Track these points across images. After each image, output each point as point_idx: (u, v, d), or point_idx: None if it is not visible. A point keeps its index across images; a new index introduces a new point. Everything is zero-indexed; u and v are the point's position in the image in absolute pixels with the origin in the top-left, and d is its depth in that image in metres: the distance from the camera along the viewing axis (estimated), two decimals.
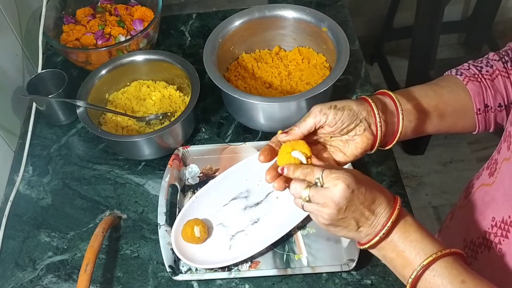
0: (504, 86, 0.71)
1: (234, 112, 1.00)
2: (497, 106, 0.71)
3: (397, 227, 0.59)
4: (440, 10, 1.72)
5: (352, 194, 0.57)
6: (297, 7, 1.01)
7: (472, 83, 0.71)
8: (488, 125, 0.74)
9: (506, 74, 0.71)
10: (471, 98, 0.71)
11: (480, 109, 0.71)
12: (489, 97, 0.71)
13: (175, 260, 0.81)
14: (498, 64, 0.72)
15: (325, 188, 0.58)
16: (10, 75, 1.04)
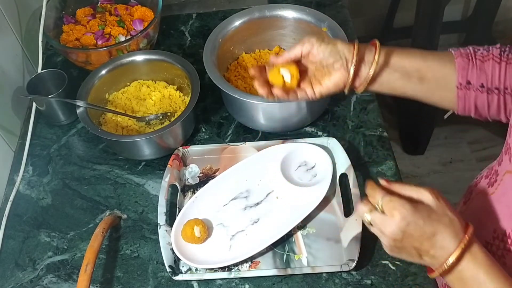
0: (492, 70, 0.71)
1: (234, 112, 1.00)
2: (479, 86, 0.72)
3: (464, 263, 0.57)
4: (440, 10, 1.72)
5: (408, 226, 0.57)
6: (297, 7, 1.01)
7: (461, 58, 0.72)
8: (468, 105, 0.74)
9: (498, 60, 0.71)
10: (456, 70, 0.72)
11: (462, 84, 0.72)
12: (474, 74, 0.72)
13: (175, 260, 0.81)
14: (495, 50, 0.72)
15: (384, 215, 0.59)
16: (10, 75, 1.04)
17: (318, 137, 0.95)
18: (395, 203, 0.59)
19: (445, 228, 0.58)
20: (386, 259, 0.81)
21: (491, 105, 0.72)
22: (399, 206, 0.58)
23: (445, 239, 0.58)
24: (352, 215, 0.82)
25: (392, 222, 0.58)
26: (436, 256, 0.58)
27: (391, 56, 0.73)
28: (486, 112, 0.73)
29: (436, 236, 0.58)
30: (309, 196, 0.85)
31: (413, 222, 0.57)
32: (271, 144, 0.92)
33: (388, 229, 0.58)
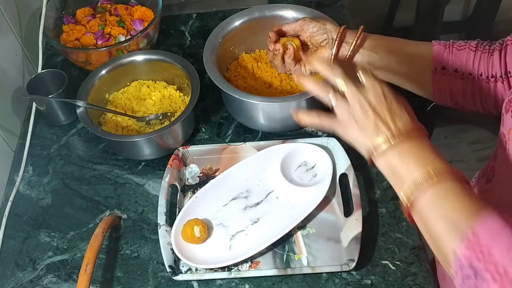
0: (466, 57, 0.75)
1: (234, 112, 1.00)
2: (453, 71, 0.76)
3: (413, 141, 0.59)
4: (440, 10, 1.72)
5: (384, 98, 0.61)
6: (297, 7, 1.01)
7: (439, 46, 0.78)
8: (443, 90, 0.78)
9: (474, 48, 0.75)
10: (432, 56, 0.77)
11: (437, 68, 0.77)
12: (448, 60, 0.76)
13: (175, 260, 0.81)
14: (473, 42, 0.77)
15: (361, 85, 0.62)
16: (10, 75, 1.04)
17: (318, 137, 0.95)
18: (379, 79, 0.62)
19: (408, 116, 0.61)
20: (386, 259, 0.81)
21: (466, 91, 0.76)
22: (382, 82, 0.62)
23: (406, 122, 0.60)
24: (352, 215, 0.82)
25: (372, 90, 0.61)
26: (392, 131, 0.59)
27: (372, 40, 0.80)
28: (461, 98, 0.77)
29: (402, 118, 0.60)
30: (309, 196, 0.85)
31: (388, 98, 0.61)
32: (271, 144, 0.92)
33: (366, 95, 0.61)
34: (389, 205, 0.87)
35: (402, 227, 0.84)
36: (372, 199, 0.88)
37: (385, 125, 0.60)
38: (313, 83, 0.64)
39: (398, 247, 0.82)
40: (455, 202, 0.54)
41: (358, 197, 0.83)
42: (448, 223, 0.54)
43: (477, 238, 0.50)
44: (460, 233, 0.52)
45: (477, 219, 0.51)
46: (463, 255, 0.51)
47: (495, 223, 0.50)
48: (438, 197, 0.55)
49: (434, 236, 0.56)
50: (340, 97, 0.62)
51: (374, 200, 0.88)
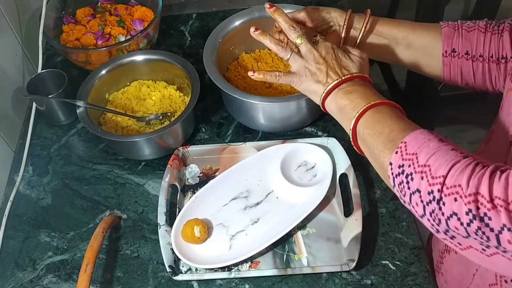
0: (476, 38, 0.76)
1: (234, 112, 1.00)
2: (464, 53, 0.77)
3: (356, 80, 0.70)
4: (440, 10, 1.72)
5: (333, 51, 0.72)
6: (297, 7, 1.01)
7: (448, 28, 0.78)
8: (454, 72, 0.79)
9: (483, 30, 0.76)
10: (441, 39, 0.78)
11: (447, 51, 0.78)
12: (458, 43, 0.77)
13: (175, 260, 0.81)
14: (482, 22, 0.77)
15: (316, 42, 0.74)
16: (10, 75, 1.04)
17: (318, 137, 0.95)
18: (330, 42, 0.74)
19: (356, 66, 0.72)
20: (386, 259, 0.81)
21: (476, 72, 0.77)
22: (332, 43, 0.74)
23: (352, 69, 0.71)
24: (352, 215, 0.82)
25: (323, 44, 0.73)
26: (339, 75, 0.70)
27: (381, 24, 0.82)
28: (472, 79, 0.78)
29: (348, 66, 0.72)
30: (309, 196, 0.85)
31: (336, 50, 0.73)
32: (271, 144, 0.92)
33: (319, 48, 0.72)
34: (389, 205, 0.87)
35: (402, 227, 0.84)
36: (372, 199, 0.88)
37: (333, 72, 0.71)
38: (271, 39, 0.74)
39: (398, 247, 0.82)
40: (390, 120, 0.63)
41: (358, 197, 0.83)
42: (384, 139, 0.62)
43: (407, 148, 0.58)
44: (394, 147, 0.60)
45: (408, 134, 0.59)
46: (396, 164, 0.59)
47: (423, 135, 0.58)
48: (375, 117, 0.65)
49: (374, 153, 0.63)
50: (295, 52, 0.73)
51: (374, 200, 0.88)
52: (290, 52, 0.73)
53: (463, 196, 0.51)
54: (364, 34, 0.81)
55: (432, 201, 0.54)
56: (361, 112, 0.65)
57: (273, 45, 0.74)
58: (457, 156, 0.54)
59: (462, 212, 0.51)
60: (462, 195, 0.51)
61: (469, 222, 0.50)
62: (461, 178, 0.51)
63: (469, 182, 0.51)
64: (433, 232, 0.57)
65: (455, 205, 0.51)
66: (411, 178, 0.56)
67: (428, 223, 0.57)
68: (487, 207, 0.49)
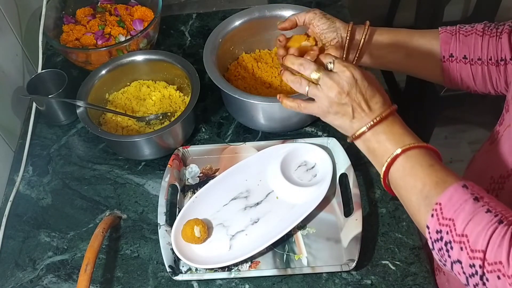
0: (474, 42, 0.76)
1: (234, 112, 1.00)
2: (462, 57, 0.76)
3: (385, 122, 0.65)
4: (440, 10, 1.72)
5: (356, 83, 0.65)
6: (297, 7, 1.01)
7: (446, 34, 0.78)
8: (453, 77, 0.79)
9: (481, 33, 0.75)
10: (439, 44, 0.78)
11: (445, 56, 0.78)
12: (456, 47, 0.77)
13: (175, 260, 0.81)
14: (479, 26, 0.77)
15: (334, 72, 0.66)
16: (10, 75, 1.04)
17: (318, 137, 0.95)
18: (348, 63, 0.66)
19: (380, 96, 0.67)
20: (386, 259, 0.81)
21: (476, 76, 0.77)
22: (351, 66, 0.66)
23: (379, 103, 0.66)
24: (352, 215, 0.82)
25: (343, 76, 0.65)
26: (367, 115, 0.65)
27: (379, 34, 0.81)
28: (472, 83, 0.78)
29: (373, 99, 0.66)
30: (309, 196, 0.85)
31: (360, 81, 0.65)
32: (271, 144, 0.92)
33: (339, 82, 0.65)
34: (389, 205, 0.87)
35: (402, 227, 0.84)
36: (372, 199, 0.88)
37: (359, 108, 0.65)
38: (288, 78, 0.70)
39: (398, 247, 0.82)
40: (421, 171, 0.61)
41: (358, 197, 0.83)
42: (418, 195, 0.60)
43: (442, 211, 0.56)
44: (429, 207, 0.58)
45: (442, 192, 0.57)
46: (433, 228, 0.57)
47: (458, 195, 0.56)
48: (406, 168, 0.62)
49: (409, 209, 0.62)
50: (314, 86, 0.67)
51: (374, 200, 0.88)
52: (307, 87, 0.68)
53: (506, 275, 0.50)
54: (364, 45, 0.81)
55: (475, 274, 0.53)
56: (390, 161, 0.63)
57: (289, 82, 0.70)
58: (493, 223, 0.52)
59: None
60: (505, 274, 0.50)
61: None
62: (500, 254, 0.51)
63: (509, 259, 0.50)
64: None
65: (500, 283, 0.51)
66: (451, 247, 0.55)
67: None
68: None
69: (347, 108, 0.65)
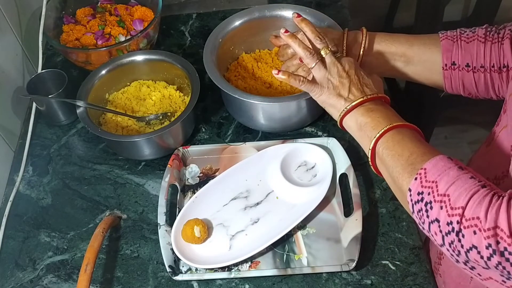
0: (476, 49, 0.75)
1: (234, 112, 1.00)
2: (465, 66, 0.76)
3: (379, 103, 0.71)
4: (440, 10, 1.72)
5: (355, 67, 0.74)
6: (297, 7, 1.01)
7: (447, 41, 0.78)
8: (455, 84, 0.79)
9: (483, 40, 0.75)
10: (441, 52, 0.78)
11: (447, 64, 0.78)
12: (458, 55, 0.76)
13: (175, 260, 0.81)
14: (481, 31, 0.76)
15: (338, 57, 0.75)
16: (10, 75, 1.04)
17: (318, 137, 0.95)
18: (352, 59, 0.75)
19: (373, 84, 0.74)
20: (386, 259, 0.81)
21: (478, 83, 0.76)
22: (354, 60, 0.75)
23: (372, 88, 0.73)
24: (352, 215, 0.82)
25: (345, 59, 0.74)
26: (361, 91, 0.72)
27: (378, 42, 0.82)
28: (474, 90, 0.78)
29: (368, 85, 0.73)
30: (309, 196, 0.85)
31: (357, 69, 0.73)
32: (271, 144, 0.92)
33: (341, 62, 0.73)
34: (389, 205, 0.87)
35: (402, 227, 0.84)
36: (372, 199, 0.88)
37: (355, 88, 0.72)
38: (300, 44, 0.75)
39: (398, 247, 0.82)
40: (410, 143, 0.63)
41: (358, 197, 0.83)
42: (403, 162, 0.62)
43: (426, 175, 0.58)
44: (413, 171, 0.60)
45: (428, 159, 0.59)
46: (415, 190, 0.59)
47: (443, 163, 0.59)
48: (396, 139, 0.65)
49: (393, 175, 0.64)
50: (320, 62, 0.74)
51: (374, 200, 0.88)
52: (316, 61, 0.74)
53: (482, 229, 0.50)
54: (363, 56, 0.82)
55: (451, 232, 0.54)
56: (382, 132, 0.66)
57: (301, 49, 0.75)
58: (476, 186, 0.53)
59: (482, 245, 0.50)
60: (481, 229, 0.50)
61: (489, 256, 0.50)
62: (479, 210, 0.51)
63: (487, 215, 0.50)
64: (453, 261, 0.57)
65: (475, 238, 0.51)
66: (430, 206, 0.56)
67: (447, 253, 0.56)
68: (507, 241, 0.49)
69: (345, 84, 0.72)
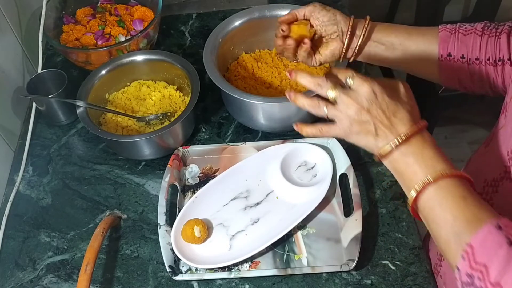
0: (472, 41, 0.75)
1: (234, 112, 1.00)
2: (460, 57, 0.76)
3: (413, 141, 0.60)
4: (440, 10, 1.72)
5: (376, 99, 0.60)
6: (297, 7, 1.00)
7: (445, 32, 0.77)
8: (451, 76, 0.78)
9: (480, 33, 0.75)
10: (437, 43, 0.77)
11: (443, 55, 0.77)
12: (454, 46, 0.76)
13: (175, 260, 0.81)
14: (480, 25, 0.76)
15: (351, 90, 0.62)
16: (10, 75, 1.04)
17: (318, 137, 0.95)
18: (366, 78, 0.62)
19: (405, 111, 0.61)
20: (386, 259, 0.81)
21: (473, 76, 0.76)
22: (369, 81, 0.61)
23: (403, 119, 0.61)
24: (352, 215, 0.82)
25: (362, 92, 0.61)
26: (391, 133, 0.60)
27: (378, 30, 0.80)
28: (470, 83, 0.78)
29: (397, 114, 0.61)
30: (309, 196, 0.85)
31: (380, 96, 0.61)
32: (271, 144, 0.92)
33: (358, 99, 0.61)
34: (389, 205, 0.87)
35: (402, 227, 0.84)
36: (372, 199, 0.88)
37: (383, 126, 0.61)
38: (304, 99, 0.66)
39: (398, 247, 0.82)
40: (452, 204, 0.56)
41: (358, 197, 0.83)
42: (448, 230, 0.55)
43: (475, 255, 0.52)
44: (459, 246, 0.54)
45: (475, 231, 0.53)
46: (464, 271, 0.53)
47: (491, 238, 0.52)
48: (436, 199, 0.57)
49: (438, 242, 0.58)
50: (332, 106, 0.63)
51: (374, 200, 0.88)
52: (325, 108, 0.64)
53: None
54: (363, 41, 0.80)
55: None
56: (419, 190, 0.58)
57: (306, 107, 0.66)
58: None
59: None
60: None
61: None
62: None
63: None
64: None
65: None
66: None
67: None
68: None
69: (368, 126, 0.61)
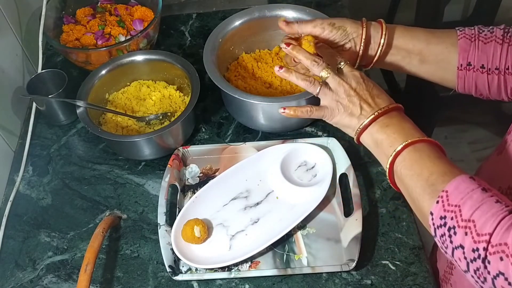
0: (493, 51, 0.74)
1: (234, 112, 1.00)
2: (480, 67, 0.75)
3: (393, 114, 0.68)
4: (440, 10, 1.72)
5: (363, 82, 0.70)
6: (297, 7, 1.01)
7: (464, 40, 0.76)
8: (468, 85, 0.77)
9: (501, 41, 0.73)
10: (457, 52, 0.76)
11: (462, 65, 0.76)
12: (474, 55, 0.75)
13: (175, 260, 0.81)
14: (499, 31, 0.74)
15: (342, 74, 0.71)
16: (10, 75, 1.04)
17: (318, 137, 0.95)
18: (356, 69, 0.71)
19: (386, 95, 0.71)
20: (386, 259, 0.81)
21: (491, 85, 0.75)
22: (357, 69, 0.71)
23: (385, 100, 0.70)
24: (352, 215, 0.82)
25: (352, 75, 0.70)
26: (374, 108, 0.68)
27: (396, 38, 0.78)
28: (486, 91, 0.77)
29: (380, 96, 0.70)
30: (309, 196, 0.85)
31: (366, 80, 0.71)
32: (271, 144, 0.92)
33: (348, 80, 0.70)
34: (389, 205, 0.87)
35: (402, 227, 0.84)
36: (372, 199, 0.88)
37: (367, 104, 0.69)
38: (298, 75, 0.72)
39: (398, 247, 0.82)
40: (428, 161, 0.61)
41: (358, 197, 0.83)
42: (423, 183, 0.60)
43: (449, 198, 0.56)
44: (434, 194, 0.58)
45: (449, 180, 0.57)
46: (437, 214, 0.57)
47: (465, 184, 0.56)
48: (413, 157, 0.63)
49: (412, 196, 0.62)
50: (324, 86, 0.71)
51: (374, 200, 0.88)
52: (319, 87, 0.71)
53: (510, 256, 0.49)
54: (381, 54, 0.78)
55: (477, 259, 0.52)
56: (398, 150, 0.64)
57: (300, 81, 0.72)
58: (503, 211, 0.52)
59: (509, 272, 0.49)
60: (508, 255, 0.50)
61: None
62: (507, 235, 0.50)
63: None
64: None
65: (501, 265, 0.50)
66: (454, 232, 0.55)
67: (472, 279, 0.55)
68: None
69: (355, 102, 0.69)
